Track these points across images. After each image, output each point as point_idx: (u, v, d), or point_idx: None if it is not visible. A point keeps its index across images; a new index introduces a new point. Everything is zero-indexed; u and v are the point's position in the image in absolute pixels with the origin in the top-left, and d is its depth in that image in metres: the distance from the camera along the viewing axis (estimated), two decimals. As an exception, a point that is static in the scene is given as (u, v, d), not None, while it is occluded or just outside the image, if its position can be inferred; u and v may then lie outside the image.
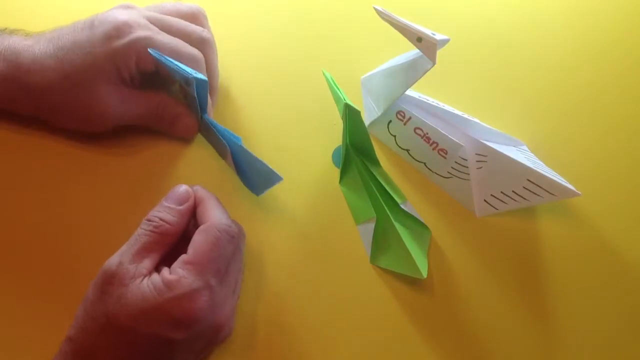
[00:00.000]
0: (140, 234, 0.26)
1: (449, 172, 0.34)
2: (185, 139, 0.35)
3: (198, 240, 0.25)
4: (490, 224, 0.34)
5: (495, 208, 0.33)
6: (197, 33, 0.32)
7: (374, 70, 0.37)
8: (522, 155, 0.33)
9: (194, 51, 0.31)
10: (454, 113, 0.35)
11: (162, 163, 0.34)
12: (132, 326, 0.23)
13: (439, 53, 0.29)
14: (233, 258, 0.26)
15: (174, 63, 0.30)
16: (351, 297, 0.30)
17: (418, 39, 0.29)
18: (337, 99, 0.33)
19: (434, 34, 0.29)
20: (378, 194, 0.33)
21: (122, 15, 0.30)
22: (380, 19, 0.30)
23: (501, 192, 0.32)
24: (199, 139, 0.35)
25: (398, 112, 0.34)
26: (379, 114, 0.35)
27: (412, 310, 0.30)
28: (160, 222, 0.26)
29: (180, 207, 0.27)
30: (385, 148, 0.37)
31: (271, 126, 0.37)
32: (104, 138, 0.33)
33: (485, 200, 0.33)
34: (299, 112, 0.37)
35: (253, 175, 0.32)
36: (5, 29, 0.32)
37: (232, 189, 0.33)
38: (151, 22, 0.31)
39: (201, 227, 0.26)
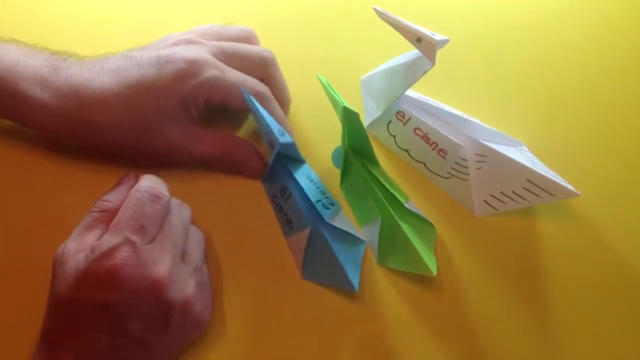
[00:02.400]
0: (85, 217, 0.26)
1: (448, 173, 0.34)
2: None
3: (123, 204, 0.26)
4: (490, 224, 0.34)
5: (495, 208, 0.33)
6: (261, 55, 0.33)
7: (374, 71, 0.37)
8: (522, 156, 0.33)
9: (261, 88, 0.32)
10: (453, 113, 0.35)
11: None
12: (72, 298, 0.23)
13: (439, 53, 0.29)
14: (167, 221, 0.26)
15: (265, 119, 0.29)
16: (354, 298, 0.30)
17: (417, 40, 0.29)
18: (334, 102, 0.33)
19: (433, 35, 0.29)
20: (381, 195, 0.33)
21: (190, 54, 0.29)
22: (379, 19, 0.30)
23: (501, 192, 0.32)
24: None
25: (398, 113, 0.34)
26: (379, 114, 0.35)
27: (417, 309, 0.30)
28: (101, 202, 0.27)
29: (120, 186, 0.28)
30: (385, 148, 0.37)
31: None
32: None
33: (484, 201, 0.33)
34: (298, 112, 0.37)
35: (322, 267, 0.30)
36: (55, 53, 0.30)
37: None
38: (217, 56, 0.31)
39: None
